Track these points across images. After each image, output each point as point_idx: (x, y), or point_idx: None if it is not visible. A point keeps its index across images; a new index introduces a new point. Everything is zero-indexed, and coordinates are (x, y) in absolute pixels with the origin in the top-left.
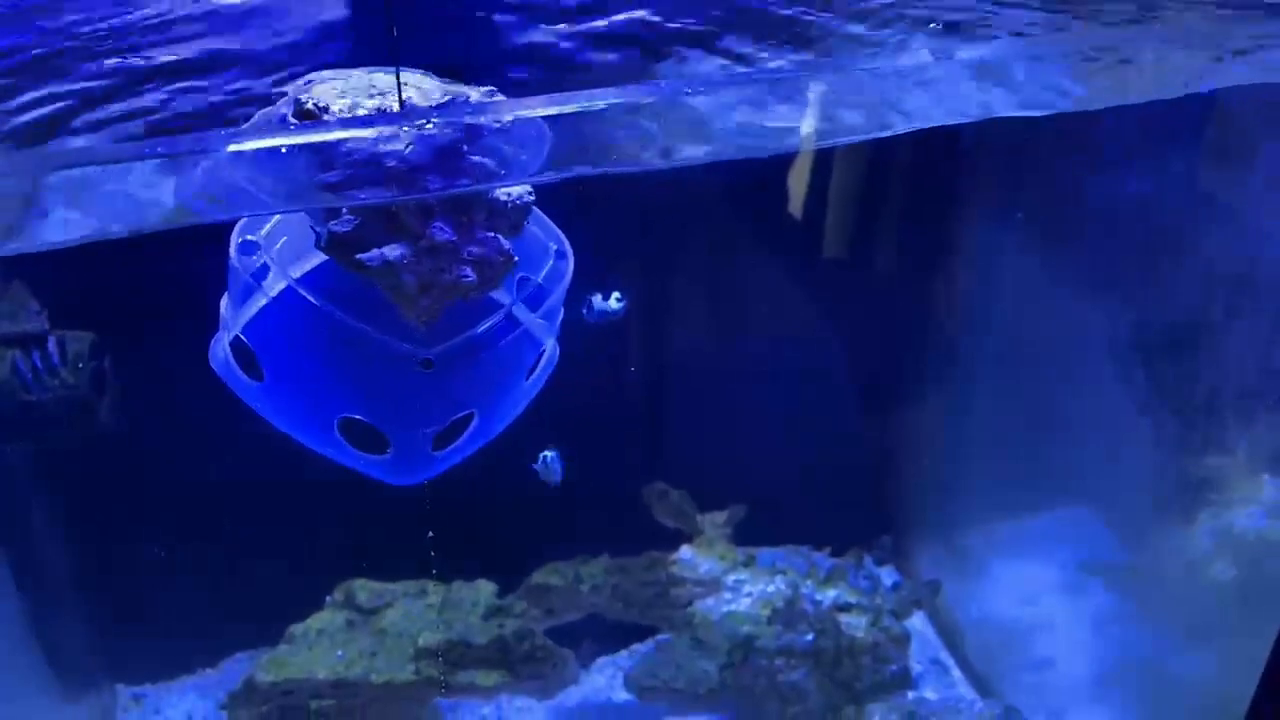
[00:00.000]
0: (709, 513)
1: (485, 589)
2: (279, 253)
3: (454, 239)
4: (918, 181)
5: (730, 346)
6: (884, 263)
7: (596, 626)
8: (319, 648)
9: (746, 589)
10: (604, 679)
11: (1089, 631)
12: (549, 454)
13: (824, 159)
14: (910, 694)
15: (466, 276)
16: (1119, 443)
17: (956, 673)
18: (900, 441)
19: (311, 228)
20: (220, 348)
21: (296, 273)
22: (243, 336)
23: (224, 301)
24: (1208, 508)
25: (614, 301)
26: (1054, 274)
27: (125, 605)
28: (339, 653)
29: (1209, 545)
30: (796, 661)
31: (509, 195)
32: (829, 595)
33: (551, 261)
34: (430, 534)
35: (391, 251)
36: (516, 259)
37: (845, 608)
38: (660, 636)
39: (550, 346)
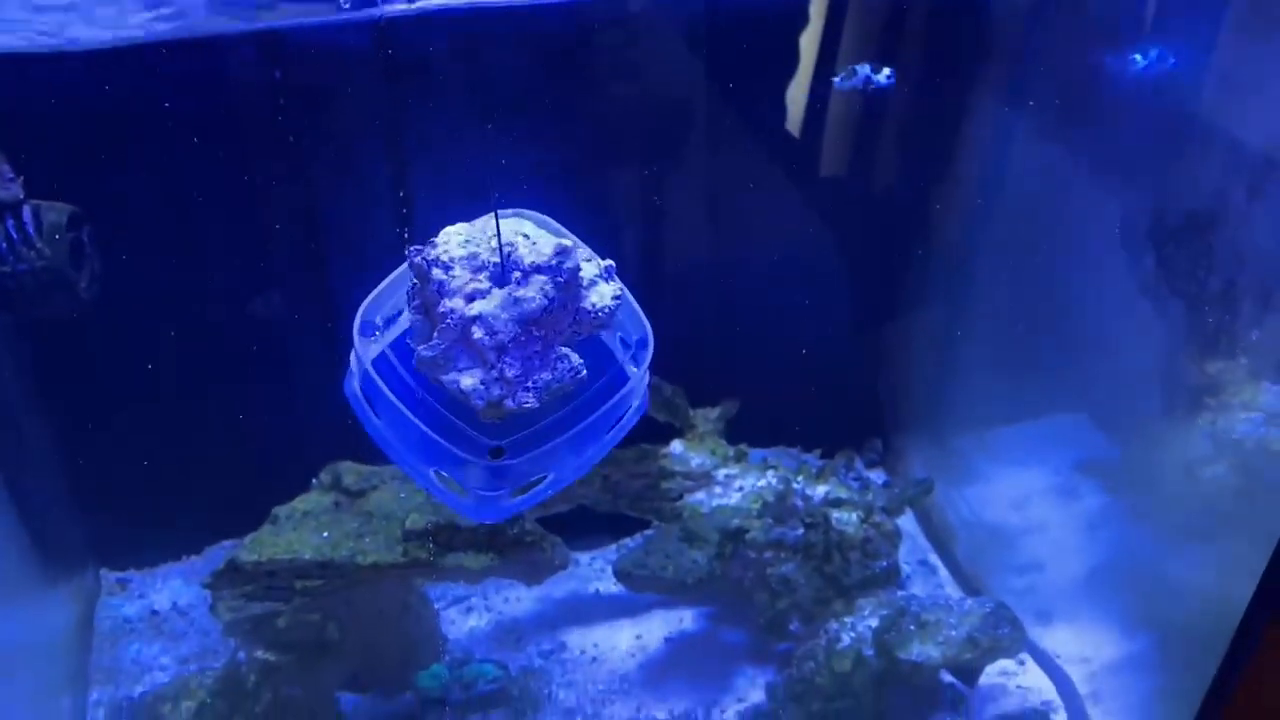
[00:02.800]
0: (701, 408)
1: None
2: (386, 318)
3: (520, 373)
4: (920, 73)
5: (727, 245)
6: (883, 161)
7: (586, 520)
8: (304, 529)
9: (737, 484)
10: (593, 570)
11: (1080, 534)
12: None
13: (825, 59)
14: (899, 591)
15: (527, 403)
16: (1122, 346)
17: (944, 573)
18: (894, 345)
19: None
20: (350, 386)
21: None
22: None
23: (352, 355)
24: (1207, 412)
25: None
26: (1063, 162)
27: (109, 489)
28: (324, 534)
29: (1207, 449)
30: (786, 555)
31: (594, 305)
32: (820, 491)
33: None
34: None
35: (465, 381)
36: (585, 374)
37: (836, 503)
38: (649, 531)
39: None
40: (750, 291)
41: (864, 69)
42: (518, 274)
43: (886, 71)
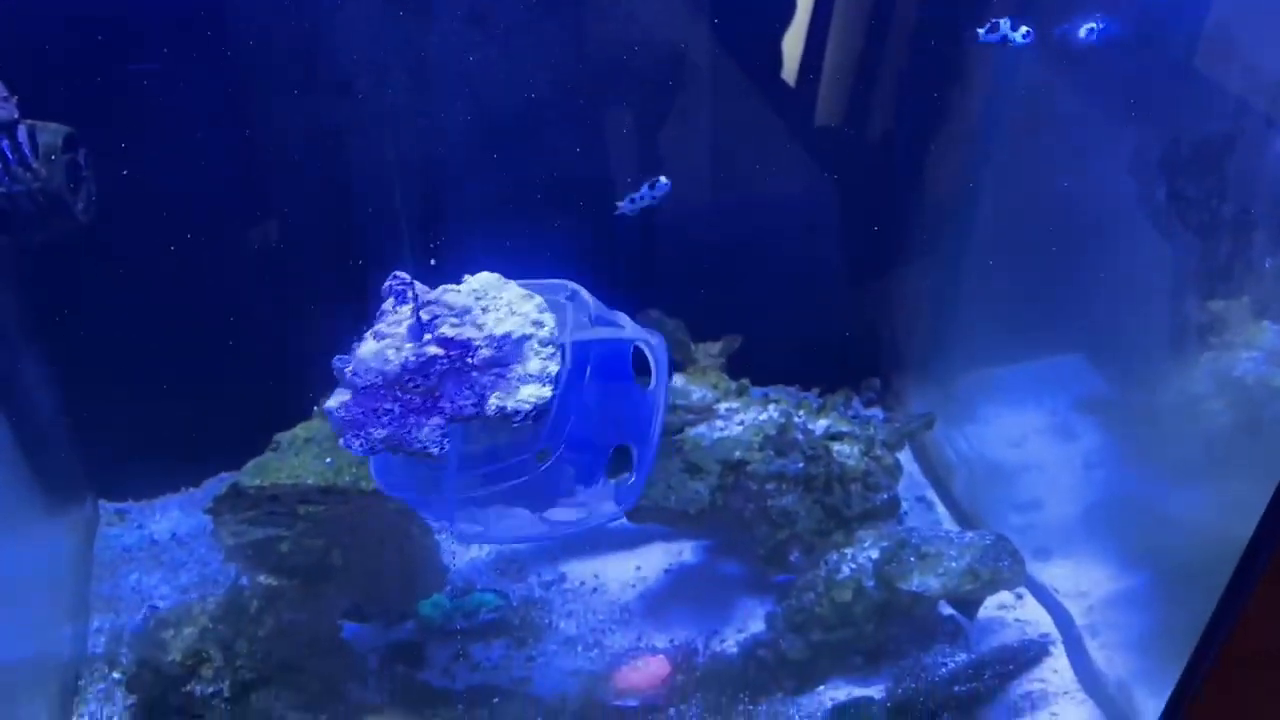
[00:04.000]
0: (703, 343)
1: None
2: None
3: (356, 419)
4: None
5: (729, 184)
6: (882, 99)
7: None
8: (307, 454)
9: (739, 417)
10: None
11: (1078, 473)
12: None
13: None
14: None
15: (352, 447)
16: (1126, 284)
17: (942, 510)
18: (893, 285)
19: None
20: None
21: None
22: None
23: None
24: (1209, 350)
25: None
26: (1070, 92)
27: (106, 419)
28: (328, 459)
29: (1209, 387)
30: (787, 487)
31: (499, 401)
32: (821, 425)
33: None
34: None
35: (330, 400)
36: (434, 451)
37: (837, 437)
38: None
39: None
40: (751, 230)
41: (1005, 24)
42: (427, 336)
43: (1024, 30)
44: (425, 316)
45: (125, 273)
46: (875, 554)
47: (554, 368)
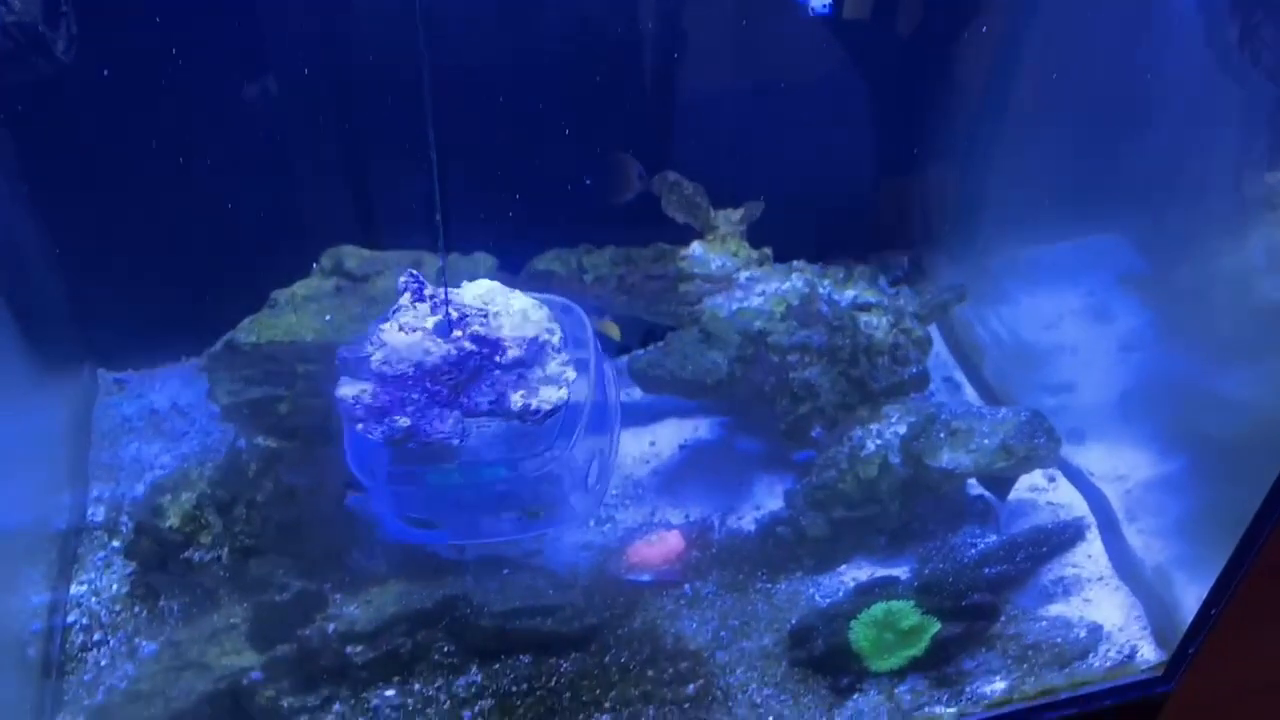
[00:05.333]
0: (723, 209)
1: (485, 261)
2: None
3: (381, 408)
4: None
5: (755, 51)
6: None
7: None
8: (305, 312)
9: (759, 287)
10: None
11: (1115, 354)
12: None
13: None
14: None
15: (372, 435)
16: (1180, 155)
17: (970, 391)
18: (924, 158)
19: None
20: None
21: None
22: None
23: None
24: (1262, 226)
25: None
26: None
27: (105, 284)
28: (327, 317)
29: (1260, 262)
30: (810, 359)
31: (520, 400)
32: (847, 295)
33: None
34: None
35: (343, 390)
36: (456, 443)
37: (864, 308)
38: (660, 343)
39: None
40: (777, 97)
41: None
42: (458, 332)
43: None
44: (455, 314)
45: (120, 131)
46: (902, 429)
47: (571, 374)
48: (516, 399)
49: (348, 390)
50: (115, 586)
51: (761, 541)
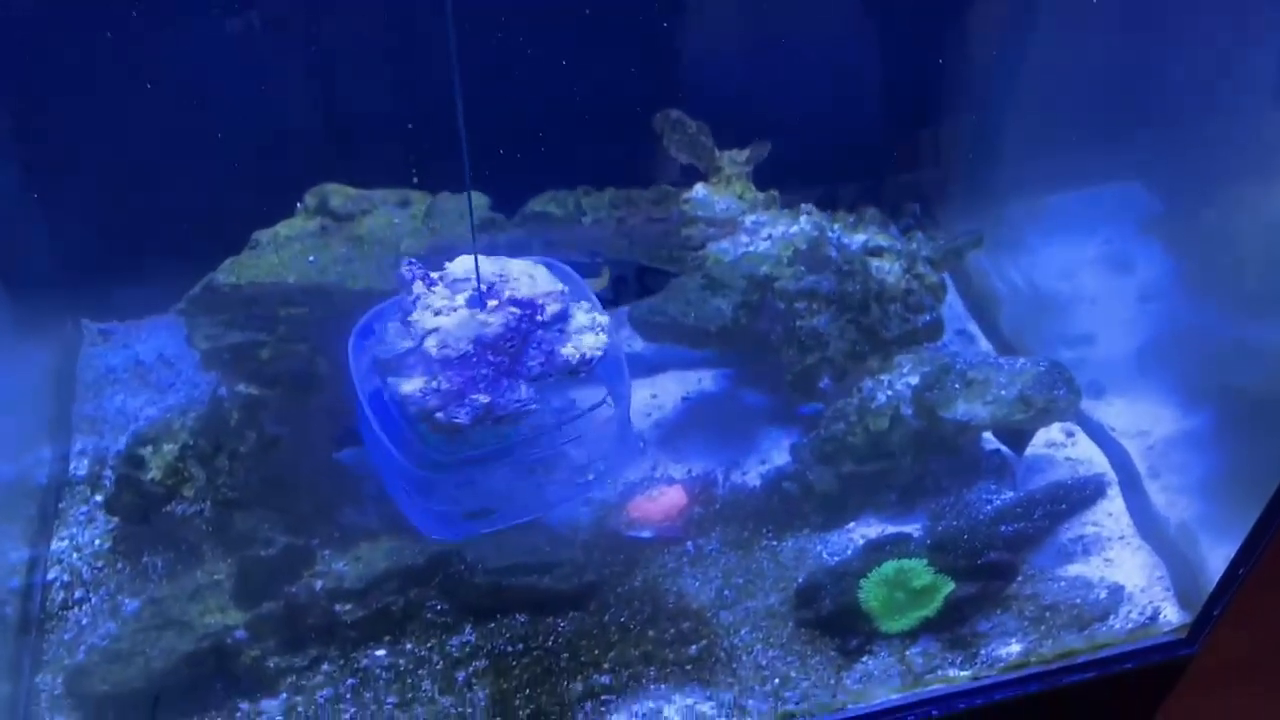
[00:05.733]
0: (728, 149)
1: (477, 200)
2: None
3: (457, 389)
4: None
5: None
6: None
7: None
8: (288, 253)
9: (766, 231)
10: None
11: (1136, 306)
12: None
13: None
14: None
15: (457, 419)
16: (1204, 93)
17: (984, 344)
18: (939, 102)
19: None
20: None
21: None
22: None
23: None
24: None
25: None
26: None
27: (86, 228)
28: (310, 258)
29: None
30: (819, 306)
31: (571, 351)
32: (858, 239)
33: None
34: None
35: (405, 386)
36: (534, 408)
37: (876, 252)
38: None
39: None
40: (786, 37)
41: None
42: (493, 302)
43: None
44: (483, 286)
45: (100, 74)
46: (915, 380)
47: (602, 318)
48: (569, 351)
49: (411, 386)
50: (98, 542)
51: (767, 497)
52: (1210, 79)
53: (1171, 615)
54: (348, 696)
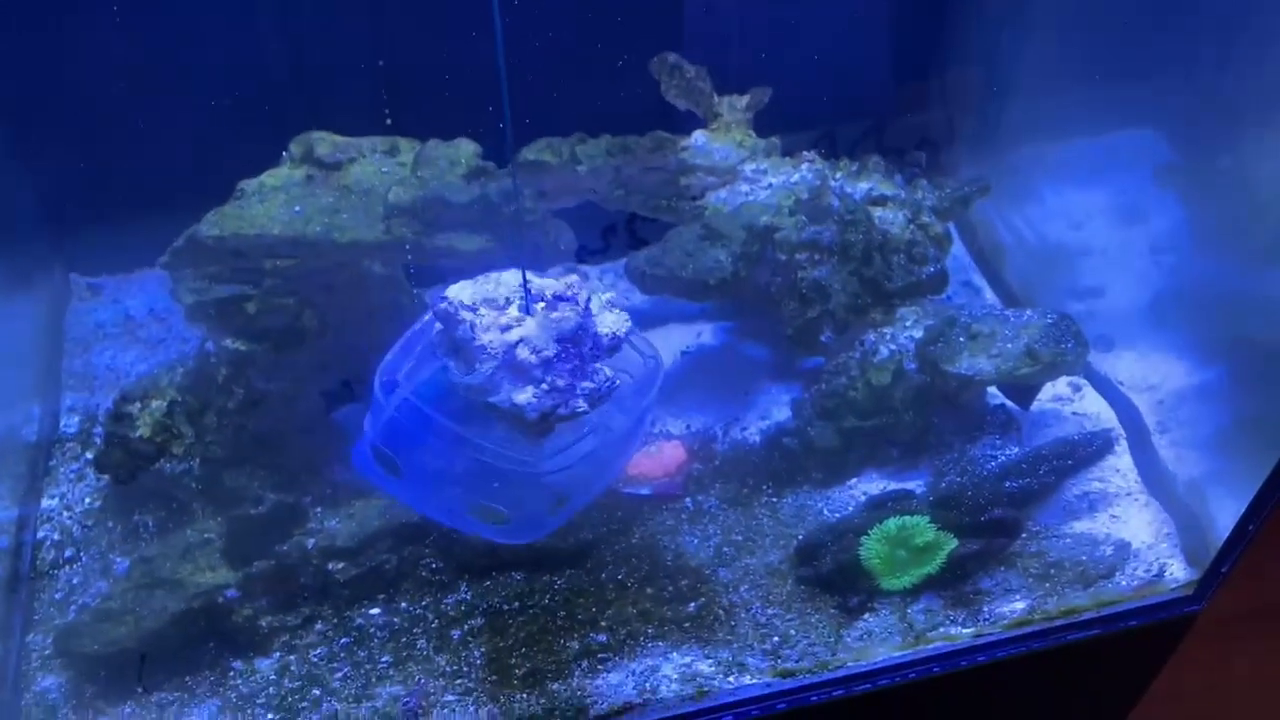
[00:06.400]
0: (727, 95)
1: (466, 148)
2: (406, 375)
3: (569, 383)
4: None
5: None
6: None
7: (593, 217)
8: (273, 203)
9: (767, 179)
10: (601, 285)
11: (1148, 256)
12: None
13: None
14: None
15: (580, 409)
16: (1221, 33)
17: (990, 296)
18: (944, 45)
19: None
20: (362, 452)
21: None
22: (381, 445)
23: (366, 419)
24: None
25: None
26: None
27: (73, 181)
28: (296, 208)
29: None
30: (820, 257)
31: (606, 331)
32: (861, 188)
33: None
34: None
35: (519, 397)
36: (620, 383)
37: (879, 201)
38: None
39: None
40: None
41: None
42: (541, 304)
43: None
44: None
45: (84, 26)
46: (918, 333)
47: (611, 294)
48: (604, 331)
49: (524, 395)
50: (88, 500)
51: (767, 453)
52: (1230, 15)
53: (1178, 572)
54: (342, 655)
